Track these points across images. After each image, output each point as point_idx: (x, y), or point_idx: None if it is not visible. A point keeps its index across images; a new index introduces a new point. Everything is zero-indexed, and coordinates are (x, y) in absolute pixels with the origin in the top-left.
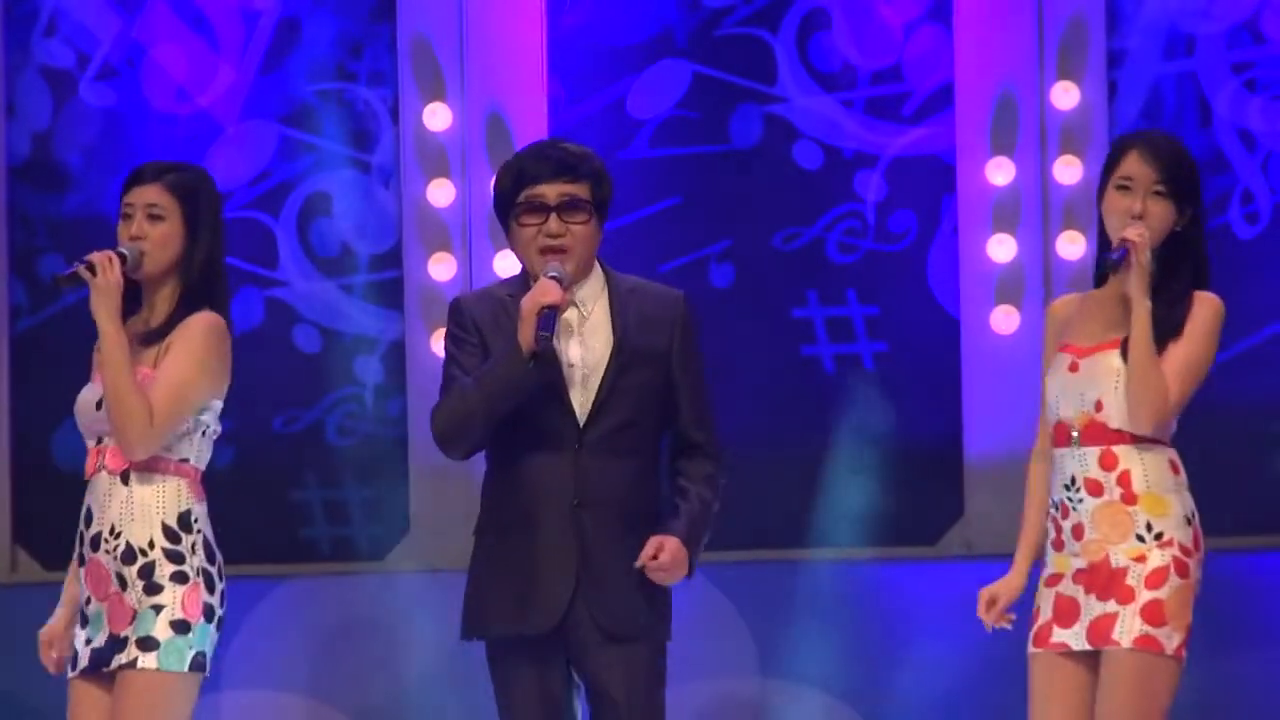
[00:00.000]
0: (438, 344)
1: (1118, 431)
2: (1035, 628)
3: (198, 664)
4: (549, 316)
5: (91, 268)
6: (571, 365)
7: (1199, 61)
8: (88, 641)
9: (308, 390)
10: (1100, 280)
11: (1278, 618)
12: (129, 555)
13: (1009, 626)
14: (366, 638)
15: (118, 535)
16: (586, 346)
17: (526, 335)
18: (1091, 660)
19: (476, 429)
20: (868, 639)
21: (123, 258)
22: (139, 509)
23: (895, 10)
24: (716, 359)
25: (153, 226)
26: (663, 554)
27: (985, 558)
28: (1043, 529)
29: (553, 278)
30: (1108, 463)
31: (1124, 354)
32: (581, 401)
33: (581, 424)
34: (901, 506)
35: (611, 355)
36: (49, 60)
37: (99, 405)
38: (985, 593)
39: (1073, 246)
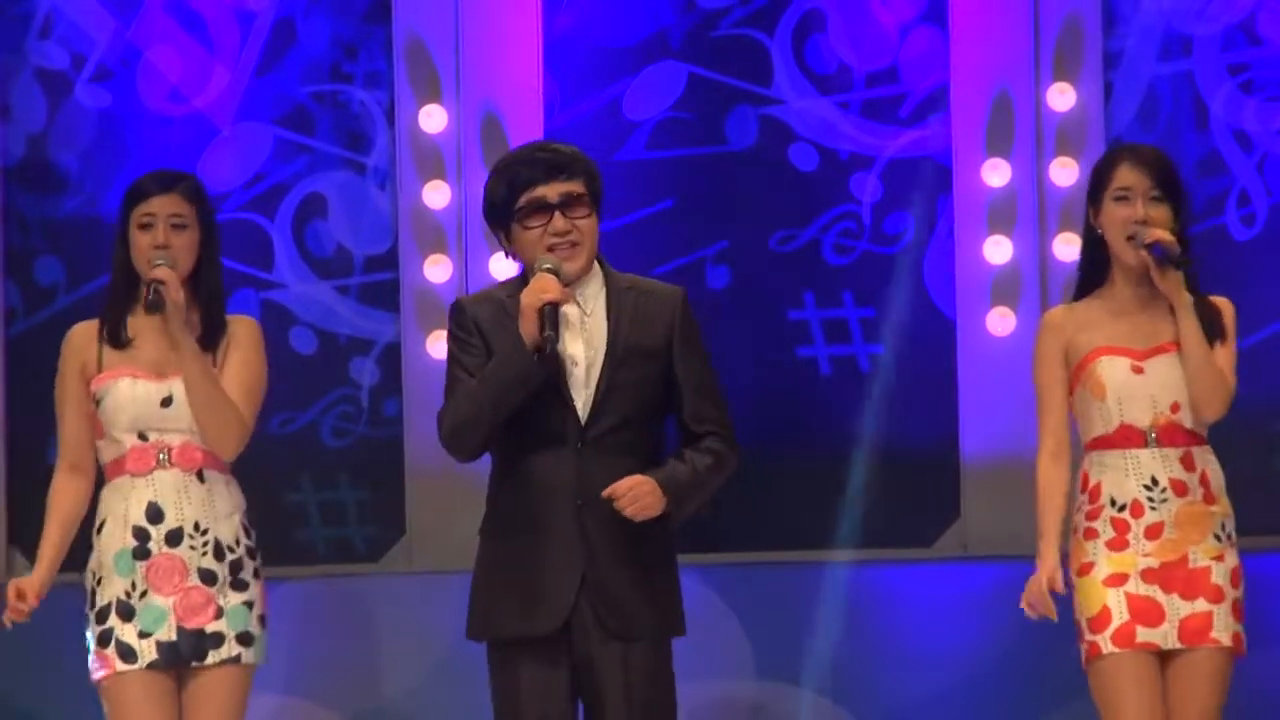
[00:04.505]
0: (434, 346)
1: (1191, 432)
2: (1113, 628)
3: (266, 654)
4: (551, 314)
5: (162, 284)
6: (575, 364)
7: (1195, 62)
8: (142, 634)
9: (303, 392)
10: (1088, 288)
11: (1277, 619)
12: (219, 552)
13: (1055, 619)
14: (362, 640)
15: (204, 532)
16: (589, 345)
17: (529, 330)
18: (1162, 657)
19: (484, 429)
20: (864, 641)
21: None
22: (221, 507)
23: (891, 12)
24: (712, 361)
25: (177, 235)
26: (622, 484)
27: (981, 559)
28: (1062, 522)
29: (548, 270)
30: (1188, 464)
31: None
32: (583, 400)
33: (583, 422)
34: (897, 508)
35: (607, 352)
36: (44, 62)
37: (165, 403)
38: (1042, 580)
39: (1069, 248)
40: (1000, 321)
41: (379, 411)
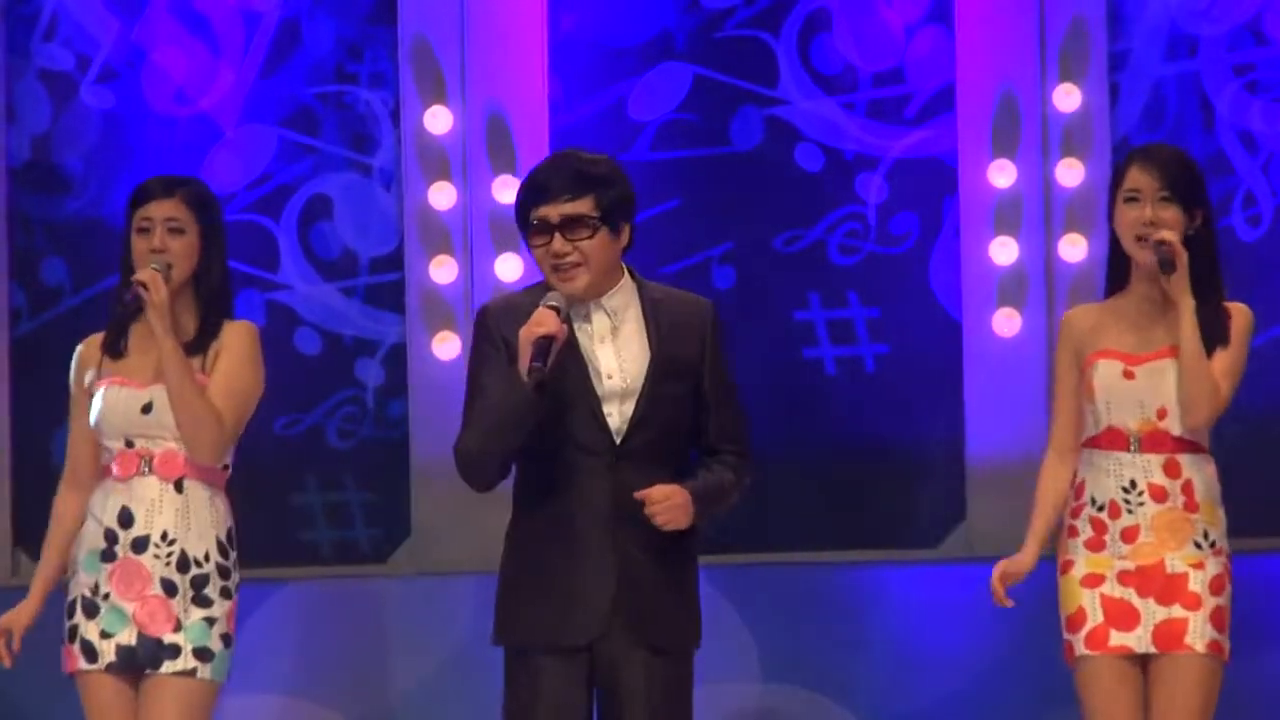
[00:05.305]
0: (439, 347)
1: (1179, 439)
2: (1086, 630)
3: (228, 673)
4: (544, 347)
5: (144, 286)
6: (609, 377)
7: (1201, 63)
8: (105, 635)
9: (309, 393)
10: (1112, 289)
11: (1277, 619)
12: (184, 564)
13: (1010, 605)
14: (368, 641)
15: (171, 542)
16: (623, 358)
17: (525, 365)
18: (1143, 661)
19: (493, 466)
20: (870, 642)
21: (164, 273)
22: (196, 520)
23: (896, 12)
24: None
25: (174, 239)
26: (657, 491)
27: (987, 560)
28: (1055, 522)
29: (551, 307)
30: (1172, 470)
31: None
32: (621, 413)
33: (619, 437)
34: (903, 509)
35: (649, 367)
36: (49, 63)
37: (146, 409)
38: (999, 566)
39: (1074, 249)
40: (1006, 322)
41: (384, 413)
